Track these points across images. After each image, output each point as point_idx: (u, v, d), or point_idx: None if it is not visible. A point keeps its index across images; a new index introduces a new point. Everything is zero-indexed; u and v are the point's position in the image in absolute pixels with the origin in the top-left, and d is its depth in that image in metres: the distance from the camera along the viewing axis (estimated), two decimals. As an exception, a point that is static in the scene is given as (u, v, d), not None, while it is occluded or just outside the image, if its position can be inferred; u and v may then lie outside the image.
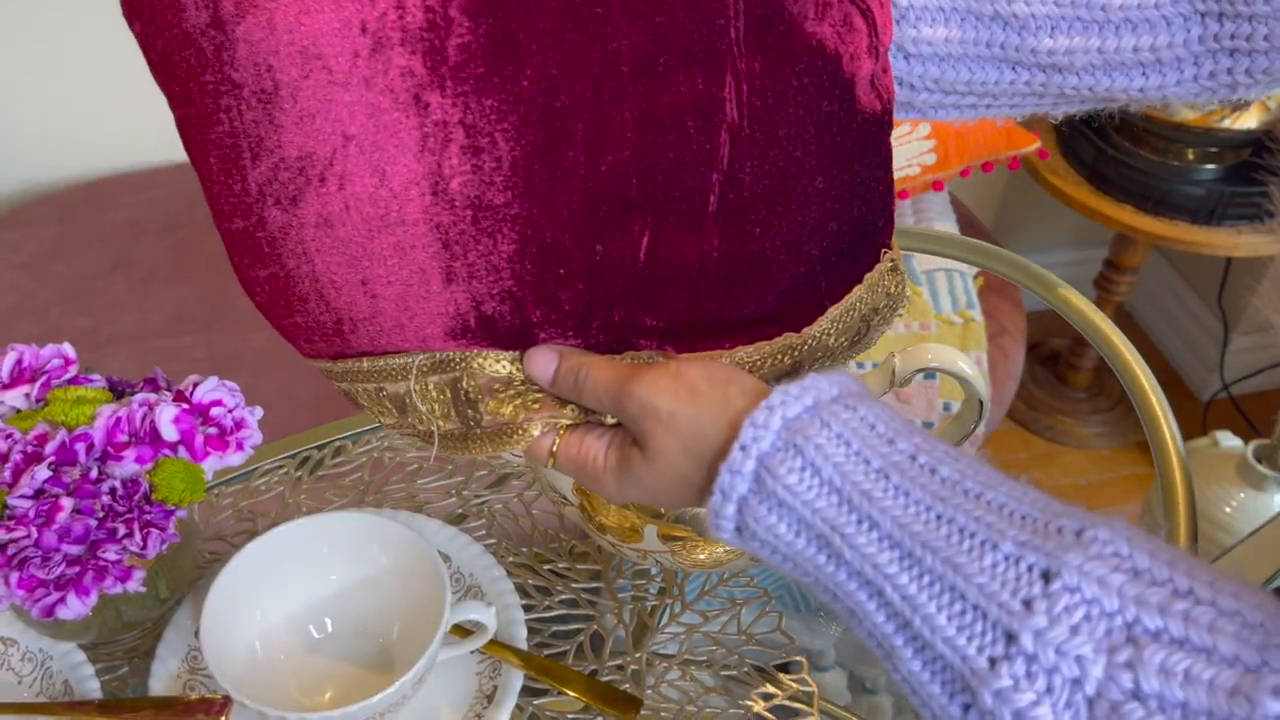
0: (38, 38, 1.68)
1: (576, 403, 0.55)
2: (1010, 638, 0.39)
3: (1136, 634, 0.38)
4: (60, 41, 1.69)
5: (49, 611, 0.60)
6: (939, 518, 0.43)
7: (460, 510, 0.85)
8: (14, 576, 0.60)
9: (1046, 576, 0.39)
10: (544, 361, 0.54)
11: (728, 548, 0.67)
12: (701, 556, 0.68)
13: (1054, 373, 2.27)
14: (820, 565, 0.45)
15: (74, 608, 0.61)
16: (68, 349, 0.69)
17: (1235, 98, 0.57)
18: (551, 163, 0.50)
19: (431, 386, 0.57)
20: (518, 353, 0.55)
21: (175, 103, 0.54)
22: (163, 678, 0.70)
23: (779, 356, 0.55)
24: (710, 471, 0.49)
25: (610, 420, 0.55)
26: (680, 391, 0.50)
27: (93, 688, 0.69)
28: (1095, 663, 0.38)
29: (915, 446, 0.46)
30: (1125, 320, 2.43)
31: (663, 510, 0.67)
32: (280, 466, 0.87)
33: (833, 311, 0.57)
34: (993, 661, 0.40)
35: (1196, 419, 2.19)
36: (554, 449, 0.56)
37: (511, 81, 0.49)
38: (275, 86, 0.50)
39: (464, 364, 0.56)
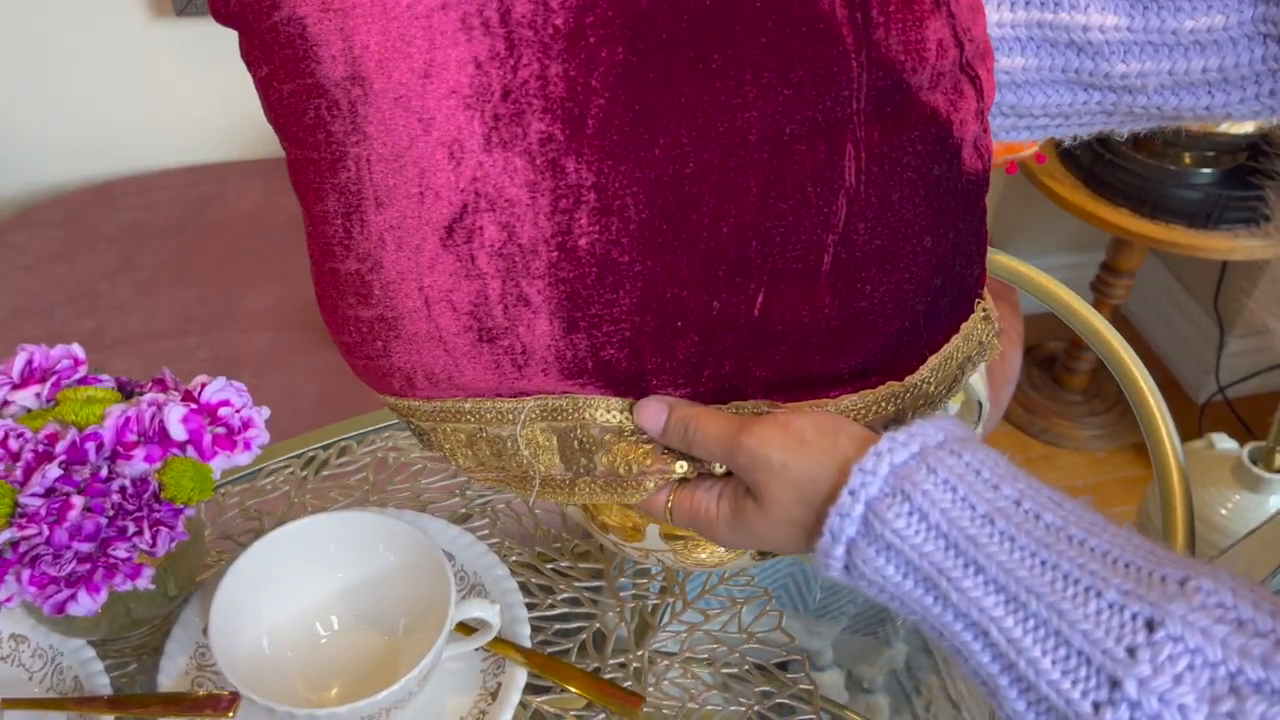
0: (44, 41, 1.69)
1: (686, 452, 0.56)
2: (1114, 684, 0.40)
3: (1239, 685, 0.39)
4: (66, 45, 1.70)
5: (60, 608, 0.61)
6: (1043, 564, 0.44)
7: (464, 510, 0.86)
8: (25, 574, 0.60)
9: (1150, 625, 0.40)
10: (654, 413, 0.56)
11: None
12: (703, 555, 0.69)
13: (1051, 376, 2.28)
14: (927, 606, 0.47)
15: (84, 604, 0.62)
16: (77, 350, 0.70)
17: None
18: (676, 225, 0.51)
19: (539, 432, 0.59)
20: (629, 401, 0.57)
21: (294, 145, 0.55)
22: (171, 674, 0.70)
23: (883, 404, 0.57)
24: (820, 515, 0.50)
25: (719, 470, 0.57)
26: (790, 442, 0.51)
27: (102, 683, 0.70)
28: (1198, 712, 0.39)
29: (1019, 492, 0.47)
30: (1122, 323, 2.44)
31: None
32: (286, 466, 0.88)
33: (933, 361, 0.58)
34: (1096, 706, 0.41)
35: (1192, 422, 2.20)
36: (669, 505, 0.57)
37: (645, 149, 0.50)
38: (410, 142, 0.51)
39: (575, 413, 0.58)
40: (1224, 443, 1.81)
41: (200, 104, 1.80)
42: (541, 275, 0.54)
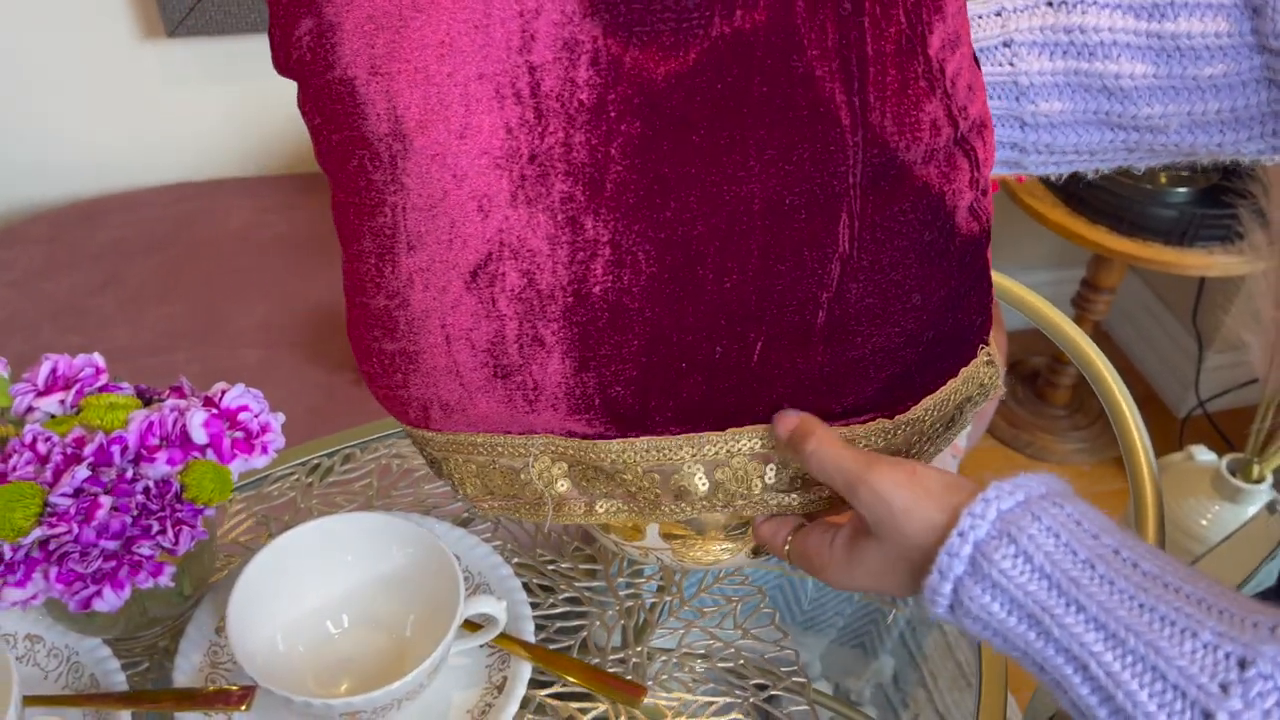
0: (32, 59, 1.71)
1: (797, 461, 0.60)
2: (1207, 716, 0.43)
3: None
4: (59, 64, 1.72)
5: (86, 604, 0.64)
6: (1141, 606, 0.47)
7: (467, 514, 0.88)
8: (53, 571, 0.63)
9: (1243, 664, 0.43)
10: (785, 420, 0.60)
11: (725, 545, 0.71)
12: (698, 553, 0.72)
13: (1034, 391, 2.32)
14: (1030, 641, 0.50)
15: (109, 600, 0.64)
16: (98, 359, 0.72)
17: None
18: (683, 279, 0.57)
19: (550, 463, 0.65)
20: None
21: (338, 188, 0.60)
22: (186, 671, 0.72)
23: (872, 438, 0.62)
24: (929, 555, 0.54)
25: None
26: (917, 491, 0.55)
27: (119, 680, 0.72)
28: None
29: (1118, 542, 0.50)
30: (1103, 339, 2.48)
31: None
32: (291, 473, 0.91)
33: (928, 401, 0.63)
34: None
35: (1174, 435, 2.23)
36: (787, 547, 0.62)
37: (658, 211, 0.55)
38: (443, 195, 0.56)
39: (594, 450, 0.63)
40: (1203, 455, 1.85)
41: (190, 123, 1.83)
42: (556, 318, 0.59)
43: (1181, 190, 1.79)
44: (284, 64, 0.59)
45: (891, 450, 0.63)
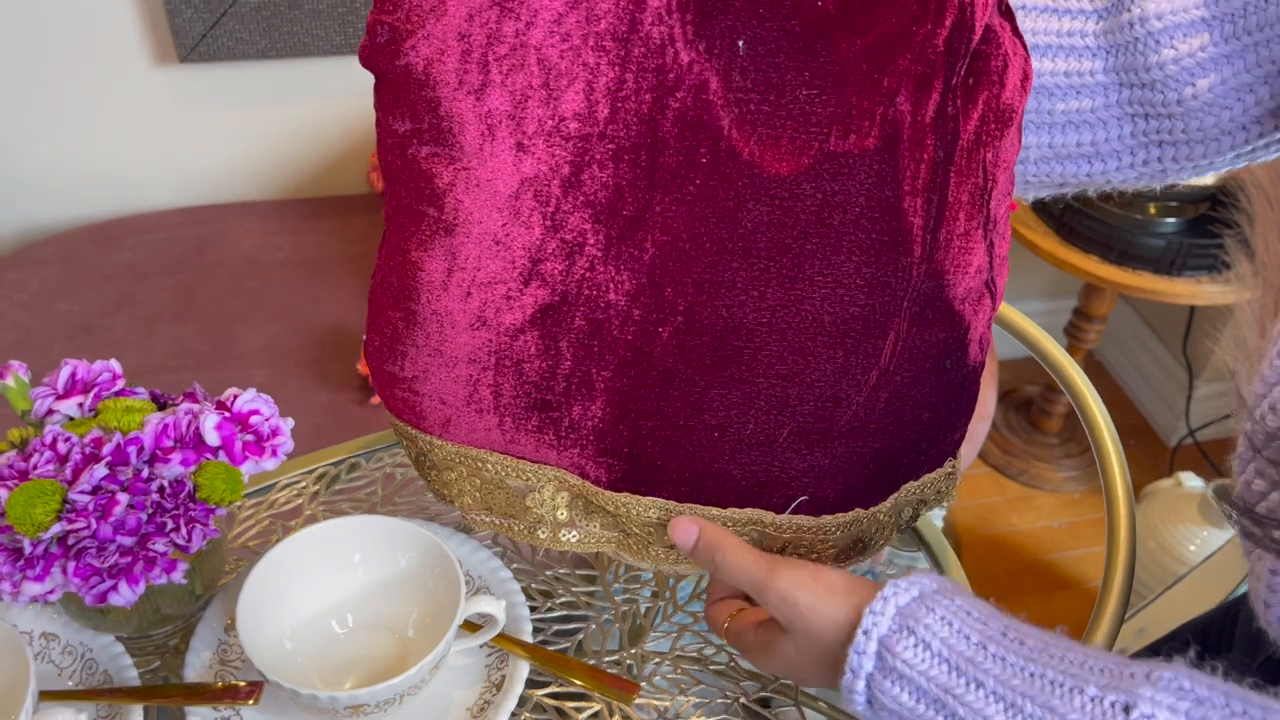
0: (47, 83, 1.74)
1: (707, 569, 0.65)
2: None
3: None
4: (73, 89, 1.75)
5: (102, 598, 0.66)
6: (1032, 675, 0.52)
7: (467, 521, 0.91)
8: (71, 566, 0.65)
9: (1126, 709, 0.49)
10: (686, 531, 0.64)
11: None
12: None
13: (1027, 419, 2.34)
14: None
15: (124, 595, 0.67)
16: (115, 365, 0.75)
17: (1168, 181, 0.68)
18: (741, 361, 0.61)
19: (553, 493, 0.68)
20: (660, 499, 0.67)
21: (412, 195, 0.63)
22: (196, 668, 0.75)
23: (847, 528, 0.67)
24: (839, 652, 0.58)
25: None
26: (819, 589, 0.60)
27: (131, 676, 0.74)
28: None
29: (1004, 625, 0.55)
30: (1095, 368, 2.51)
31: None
32: (298, 481, 0.93)
33: (893, 498, 0.68)
34: None
35: (1164, 464, 2.26)
36: (727, 626, 0.66)
37: (737, 295, 0.60)
38: (539, 235, 0.61)
39: (600, 497, 0.68)
40: (1191, 481, 1.87)
41: (201, 148, 1.86)
42: (611, 367, 0.62)
43: (1170, 220, 1.83)
44: (367, 59, 0.60)
45: (852, 539, 0.68)
